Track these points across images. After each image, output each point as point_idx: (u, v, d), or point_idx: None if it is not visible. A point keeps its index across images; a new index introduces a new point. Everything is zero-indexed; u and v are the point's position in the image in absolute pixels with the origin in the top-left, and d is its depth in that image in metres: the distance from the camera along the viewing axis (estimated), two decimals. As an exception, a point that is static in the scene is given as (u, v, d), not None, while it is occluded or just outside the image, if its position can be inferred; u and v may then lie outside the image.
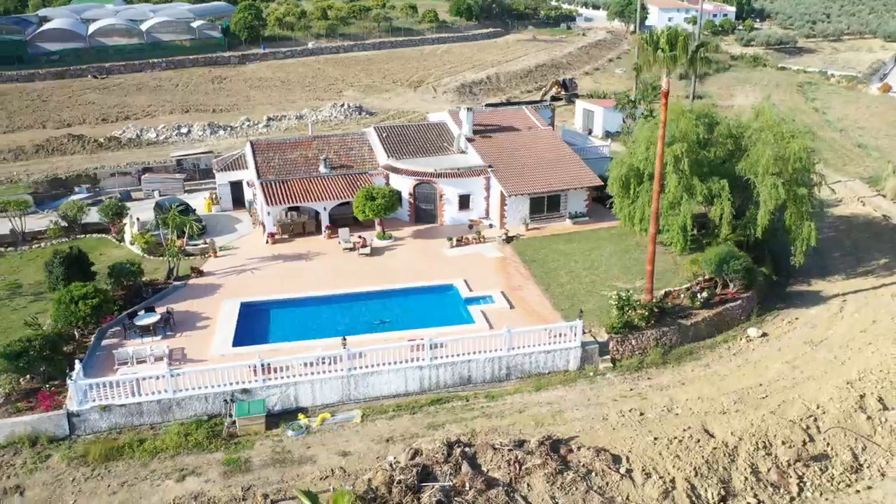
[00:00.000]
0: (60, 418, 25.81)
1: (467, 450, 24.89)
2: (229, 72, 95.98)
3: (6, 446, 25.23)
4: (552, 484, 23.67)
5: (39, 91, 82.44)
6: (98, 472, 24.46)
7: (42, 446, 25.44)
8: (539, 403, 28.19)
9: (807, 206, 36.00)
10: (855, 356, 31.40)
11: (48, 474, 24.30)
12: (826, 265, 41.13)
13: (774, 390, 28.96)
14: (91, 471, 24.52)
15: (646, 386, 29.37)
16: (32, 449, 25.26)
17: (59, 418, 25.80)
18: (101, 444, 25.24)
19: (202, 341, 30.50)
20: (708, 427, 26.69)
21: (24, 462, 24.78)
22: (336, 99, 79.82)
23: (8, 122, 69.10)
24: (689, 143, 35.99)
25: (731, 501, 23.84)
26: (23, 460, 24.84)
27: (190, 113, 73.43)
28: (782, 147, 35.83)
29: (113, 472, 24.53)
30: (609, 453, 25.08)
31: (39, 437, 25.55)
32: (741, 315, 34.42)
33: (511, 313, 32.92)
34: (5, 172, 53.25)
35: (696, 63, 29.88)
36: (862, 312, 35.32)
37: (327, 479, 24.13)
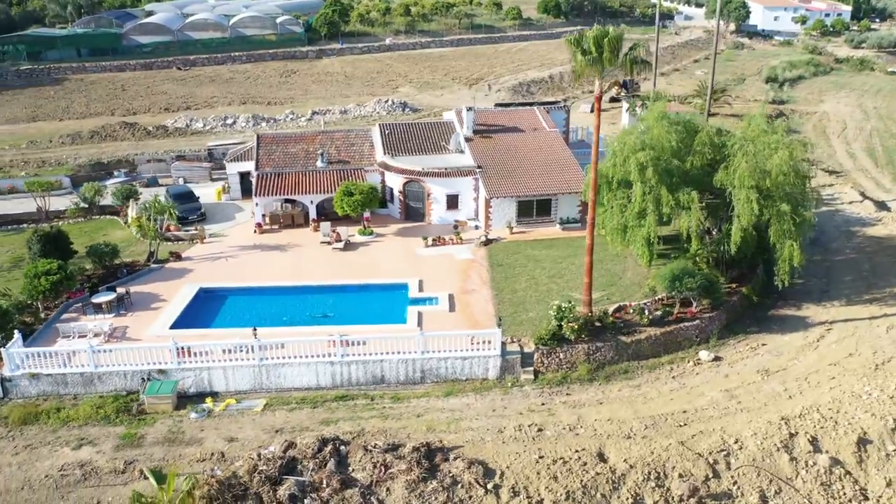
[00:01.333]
0: (-8, 383, 28.24)
1: (342, 448, 25.05)
2: (302, 66, 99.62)
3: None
4: (411, 491, 23.43)
5: (124, 81, 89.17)
6: (12, 434, 26.58)
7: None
8: (442, 409, 27.83)
9: (788, 225, 33.16)
10: (808, 390, 28.79)
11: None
12: (830, 289, 37.84)
13: (697, 419, 27.09)
14: (7, 432, 26.70)
15: (560, 402, 28.28)
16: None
17: (-8, 383, 28.23)
18: (21, 409, 27.41)
19: (147, 321, 32.30)
20: (604, 451, 25.41)
21: (-45, 419, 27.33)
22: (391, 95, 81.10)
23: (85, 108, 75.34)
24: (660, 151, 34.09)
25: (597, 530, 22.71)
26: (-44, 417, 27.41)
27: (246, 105, 77.03)
28: (762, 159, 33.25)
29: (25, 434, 26.59)
30: (485, 467, 24.46)
31: (-25, 398, 28.05)
32: (698, 336, 32.34)
33: (448, 316, 32.61)
34: (58, 155, 58.22)
35: (627, 65, 28.24)
36: (843, 343, 32.28)
37: (204, 461, 25.03)
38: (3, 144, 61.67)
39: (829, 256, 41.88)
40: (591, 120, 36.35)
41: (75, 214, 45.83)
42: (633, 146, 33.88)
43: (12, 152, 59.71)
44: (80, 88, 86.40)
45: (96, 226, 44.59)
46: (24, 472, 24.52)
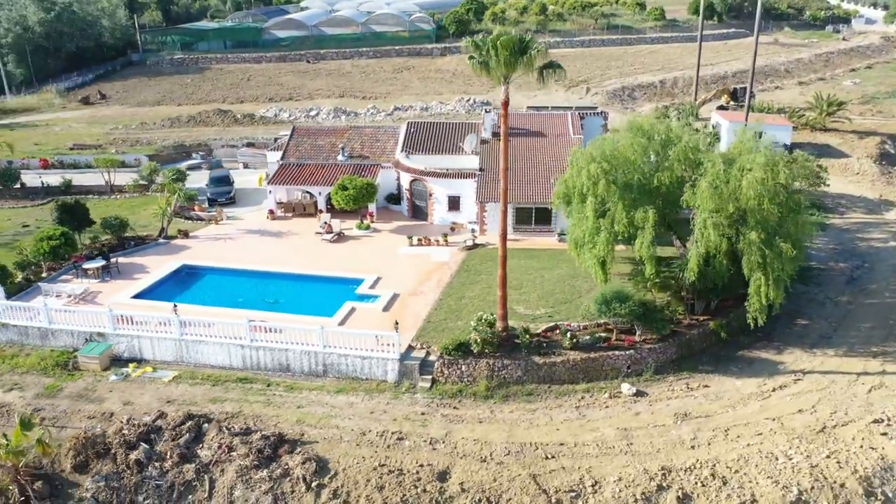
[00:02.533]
0: (-38, 330, 32.84)
1: (204, 426, 26.40)
2: (420, 63, 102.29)
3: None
4: (240, 475, 24.29)
5: (253, 71, 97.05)
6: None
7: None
8: (325, 405, 28.23)
9: (757, 256, 29.45)
10: (718, 444, 25.66)
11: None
12: (835, 334, 33.13)
13: (569, 454, 25.20)
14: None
15: (441, 414, 27.55)
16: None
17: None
18: (-8, 354, 31.68)
19: (119, 289, 35.74)
20: (450, 471, 24.55)
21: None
22: (486, 94, 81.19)
23: (205, 95, 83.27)
24: (620, 164, 31.72)
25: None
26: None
27: (343, 97, 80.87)
28: (734, 180, 29.81)
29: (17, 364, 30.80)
30: (322, 465, 24.68)
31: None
32: (629, 367, 29.81)
33: (378, 315, 32.79)
34: (153, 136, 65.11)
35: (530, 69, 26.52)
36: (802, 398, 28.29)
37: (94, 419, 27.54)
38: (118, 124, 70.07)
39: (859, 298, 36.46)
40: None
41: (133, 189, 51.21)
42: (587, 157, 31.82)
43: (120, 131, 67.74)
44: (214, 77, 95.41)
45: (144, 201, 49.56)
46: (-43, 404, 28.50)
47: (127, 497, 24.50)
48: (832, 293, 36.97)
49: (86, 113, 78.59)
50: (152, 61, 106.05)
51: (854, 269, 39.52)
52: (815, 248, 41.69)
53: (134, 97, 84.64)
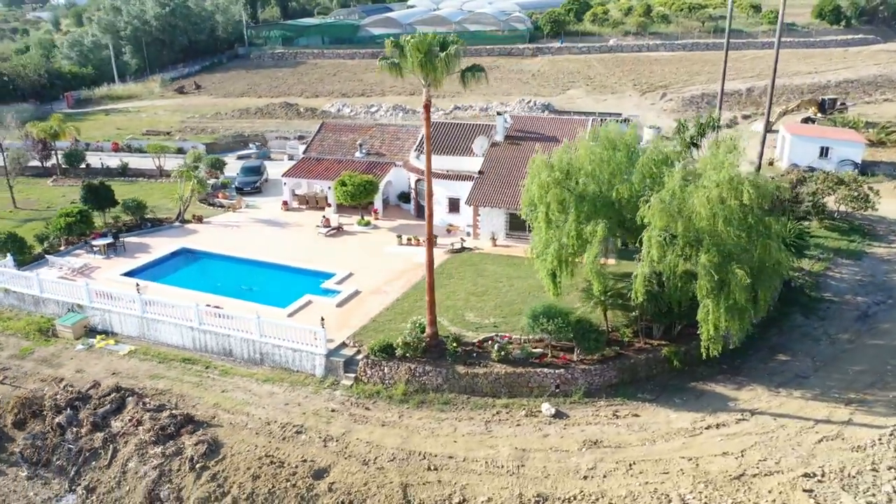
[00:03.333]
0: (-22, 292, 36.75)
1: (128, 399, 28.11)
2: (507, 63, 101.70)
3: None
4: (138, 449, 25.76)
5: (340, 67, 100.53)
6: (-34, 330, 34.55)
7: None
8: (247, 391, 29.18)
9: (705, 281, 27.24)
10: (615, 477, 24.12)
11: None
12: (813, 375, 29.95)
13: (453, 468, 24.61)
14: (-33, 329, 34.79)
15: (350, 413, 27.68)
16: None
17: (-22, 292, 36.75)
18: (-13, 312, 35.34)
19: (116, 266, 38.57)
20: (330, 469, 24.74)
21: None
22: (556, 96, 79.65)
23: (286, 87, 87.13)
24: (575, 175, 30.36)
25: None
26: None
27: (415, 95, 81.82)
28: (687, 196, 27.74)
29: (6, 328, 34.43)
30: (215, 449, 25.63)
31: (-30, 299, 36.87)
32: (558, 386, 28.51)
33: (330, 310, 33.25)
34: (218, 125, 69.17)
35: (442, 72, 25.73)
36: (734, 440, 25.94)
37: (44, 381, 30.05)
38: (196, 113, 75.04)
39: (863, 337, 32.67)
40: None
41: (180, 175, 54.72)
42: (542, 165, 30.66)
43: (195, 119, 72.57)
44: (304, 71, 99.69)
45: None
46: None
47: (45, 456, 26.60)
48: (834, 329, 33.40)
49: (176, 102, 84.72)
50: (255, 55, 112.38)
51: (872, 305, 35.43)
52: (837, 278, 37.86)
53: (223, 88, 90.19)
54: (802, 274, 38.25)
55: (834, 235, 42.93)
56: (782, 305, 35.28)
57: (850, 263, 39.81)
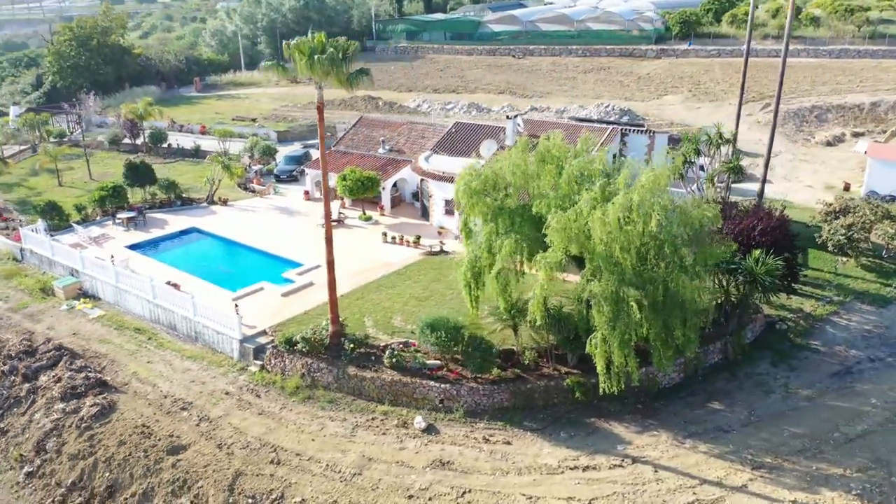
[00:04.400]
0: (17, 250, 42.14)
1: (64, 357, 31.31)
2: (621, 64, 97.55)
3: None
4: (47, 402, 28.86)
5: (456, 62, 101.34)
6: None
7: (4, 262, 42.21)
8: (167, 364, 31.29)
9: (595, 309, 25.37)
10: (438, 499, 23.41)
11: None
12: (738, 430, 26.76)
13: (291, 465, 25.03)
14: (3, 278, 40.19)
15: (239, 398, 28.81)
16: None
17: (17, 250, 42.15)
18: (11, 269, 40.68)
19: (130, 238, 42.66)
20: (188, 448, 26.14)
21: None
22: (651, 101, 75.54)
23: (389, 81, 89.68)
24: (492, 185, 29.30)
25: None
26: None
27: (503, 94, 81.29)
28: (588, 219, 25.86)
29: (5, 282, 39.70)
30: (107, 413, 27.97)
31: (8, 256, 42.45)
32: (441, 400, 27.78)
33: (275, 298, 34.68)
34: (302, 115, 73.12)
35: (325, 74, 25.57)
36: (594, 486, 24.01)
37: (18, 333, 34.15)
38: (291, 102, 79.67)
39: (826, 396, 28.46)
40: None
41: (239, 158, 58.97)
42: (467, 174, 29.84)
43: (286, 108, 77.37)
44: (418, 66, 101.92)
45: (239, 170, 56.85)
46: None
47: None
48: (798, 382, 29.43)
49: (284, 91, 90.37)
50: (380, 49, 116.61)
51: (864, 361, 30.71)
52: (840, 326, 33.22)
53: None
54: (797, 316, 33.90)
55: (869, 276, 37.48)
56: (754, 349, 31.62)
57: (869, 311, 34.64)
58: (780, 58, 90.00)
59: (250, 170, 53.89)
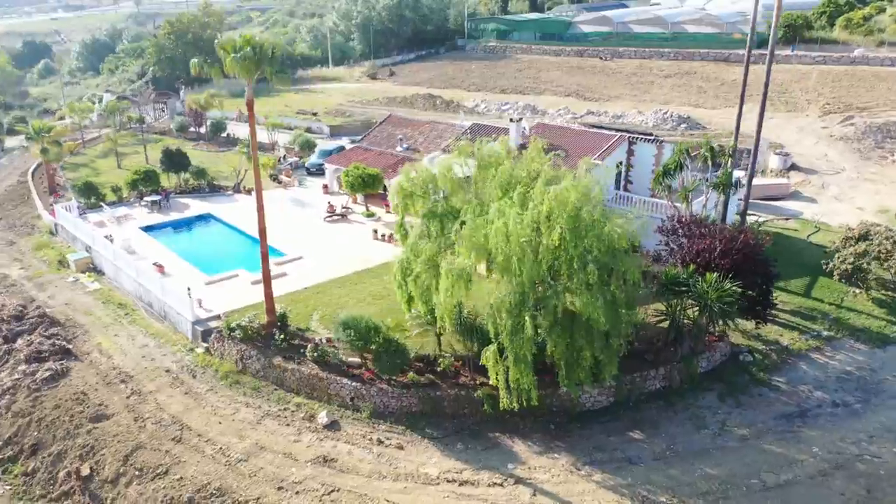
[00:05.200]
0: (53, 224, 46.44)
1: (43, 325, 34.27)
2: (708, 69, 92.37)
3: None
4: (14, 364, 31.63)
5: (540, 63, 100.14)
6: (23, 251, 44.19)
7: (42, 235, 46.62)
8: (130, 339, 33.45)
9: (491, 324, 24.76)
10: (305, 494, 23.72)
11: (16, 249, 45.29)
12: (646, 462, 25.28)
13: (190, 444, 26.17)
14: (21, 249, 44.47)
15: (175, 377, 30.33)
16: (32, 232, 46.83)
17: (53, 224, 46.46)
18: (42, 242, 44.87)
19: (149, 219, 45.82)
20: (109, 418, 27.97)
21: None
22: (720, 109, 71.25)
23: (463, 79, 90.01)
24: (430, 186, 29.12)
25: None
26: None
27: (570, 97, 79.42)
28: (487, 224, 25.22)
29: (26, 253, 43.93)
30: (56, 378, 30.41)
31: (47, 229, 46.84)
32: (353, 398, 27.98)
33: (245, 285, 36.13)
34: (361, 111, 74.94)
35: (246, 71, 26.06)
36: (458, 502, 23.50)
37: (24, 299, 37.71)
38: (357, 97, 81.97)
39: (763, 439, 26.10)
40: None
41: (287, 150, 61.68)
42: (404, 174, 29.82)
43: (350, 104, 79.46)
44: (501, 65, 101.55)
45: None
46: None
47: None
48: (739, 420, 27.15)
49: (360, 86, 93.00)
50: (470, 48, 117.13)
51: (825, 406, 27.80)
52: (817, 364, 30.33)
53: (411, 77, 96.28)
54: (770, 349, 31.17)
55: (877, 312, 33.81)
56: (707, 379, 29.47)
57: (860, 350, 31.31)
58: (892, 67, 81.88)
59: (284, 161, 56.06)
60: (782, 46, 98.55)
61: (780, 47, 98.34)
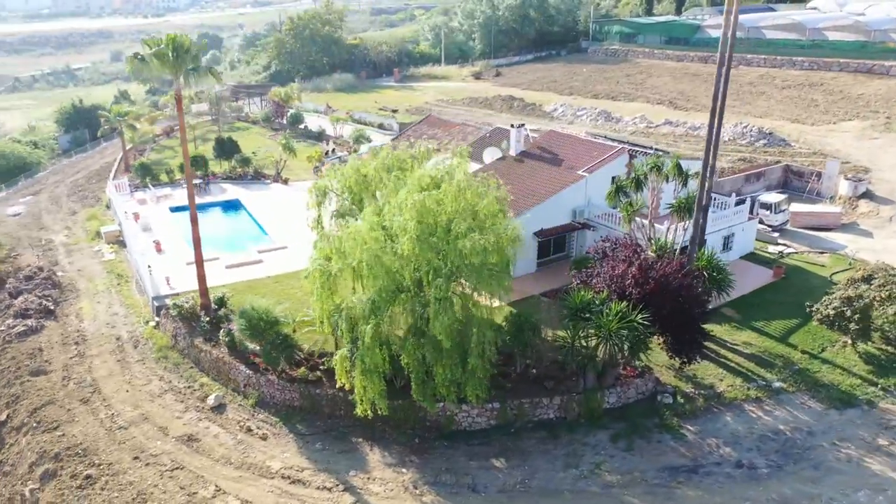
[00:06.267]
0: (108, 200, 52.01)
1: (47, 284, 38.72)
2: (843, 81, 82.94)
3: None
4: (4, 318, 36.07)
5: (655, 68, 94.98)
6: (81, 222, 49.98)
7: (99, 208, 52.32)
8: (108, 307, 36.95)
9: (341, 330, 24.82)
10: (154, 466, 25.27)
11: (73, 218, 51.15)
12: (485, 492, 24.24)
13: (86, 407, 28.78)
14: (84, 219, 50.26)
15: (119, 346, 33.10)
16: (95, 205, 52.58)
17: (108, 200, 52.03)
18: (92, 212, 50.40)
19: (179, 201, 49.86)
20: (46, 376, 31.28)
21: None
22: (826, 126, 63.97)
23: (565, 83, 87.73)
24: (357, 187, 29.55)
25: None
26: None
27: (660, 105, 74.87)
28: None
29: (84, 222, 49.62)
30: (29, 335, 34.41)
31: (106, 203, 52.51)
32: (246, 385, 29.05)
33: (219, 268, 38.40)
34: (440, 110, 75.67)
35: (166, 68, 27.40)
36: (280, 498, 23.89)
37: (48, 261, 42.73)
38: (446, 97, 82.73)
39: (626, 491, 23.93)
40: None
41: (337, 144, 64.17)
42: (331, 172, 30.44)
43: (439, 102, 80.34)
44: (613, 70, 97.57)
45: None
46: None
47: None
48: (617, 465, 24.95)
49: (460, 85, 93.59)
50: (592, 50, 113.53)
51: (723, 464, 24.71)
52: (748, 417, 27.08)
53: (515, 79, 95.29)
54: (698, 393, 28.15)
55: (857, 367, 29.39)
56: (612, 416, 27.31)
57: (810, 408, 27.49)
58: None
59: (332, 155, 58.24)
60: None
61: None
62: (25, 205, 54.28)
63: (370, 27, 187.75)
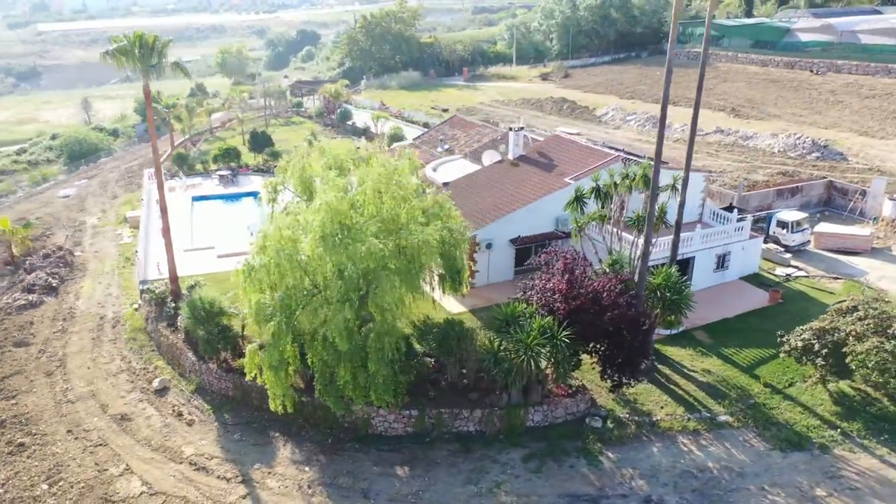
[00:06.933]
0: (148, 184, 55.22)
1: (62, 262, 41.60)
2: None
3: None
4: (13, 291, 39.09)
5: (735, 73, 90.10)
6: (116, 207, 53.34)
7: (137, 194, 55.57)
8: (107, 287, 39.24)
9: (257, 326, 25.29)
10: (82, 441, 26.66)
11: (112, 203, 54.56)
12: (375, 498, 24.11)
13: (46, 379, 30.62)
14: (120, 204, 53.62)
15: (99, 325, 35.09)
16: (136, 191, 55.82)
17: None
18: (128, 197, 53.56)
19: (203, 191, 52.16)
20: (26, 348, 33.67)
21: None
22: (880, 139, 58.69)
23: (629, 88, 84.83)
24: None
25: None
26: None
27: (722, 111, 70.96)
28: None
29: (119, 207, 52.93)
30: (25, 308, 37.16)
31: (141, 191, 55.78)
32: (190, 371, 30.15)
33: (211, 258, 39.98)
34: (490, 109, 74.99)
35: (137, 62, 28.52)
36: (188, 486, 24.66)
37: (73, 242, 45.92)
38: (506, 97, 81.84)
39: (522, 512, 23.07)
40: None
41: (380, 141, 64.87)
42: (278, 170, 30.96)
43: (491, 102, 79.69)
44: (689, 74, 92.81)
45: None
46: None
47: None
48: (517, 486, 23.94)
49: (522, 86, 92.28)
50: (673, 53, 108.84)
51: (629, 498, 23.21)
52: (674, 451, 25.38)
53: (582, 81, 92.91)
54: (631, 419, 26.61)
55: (822, 408, 26.91)
56: (534, 434, 26.36)
57: (752, 447, 25.44)
58: None
59: (364, 151, 58.94)
60: None
61: None
62: (78, 188, 58.48)
63: (469, 25, 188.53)
